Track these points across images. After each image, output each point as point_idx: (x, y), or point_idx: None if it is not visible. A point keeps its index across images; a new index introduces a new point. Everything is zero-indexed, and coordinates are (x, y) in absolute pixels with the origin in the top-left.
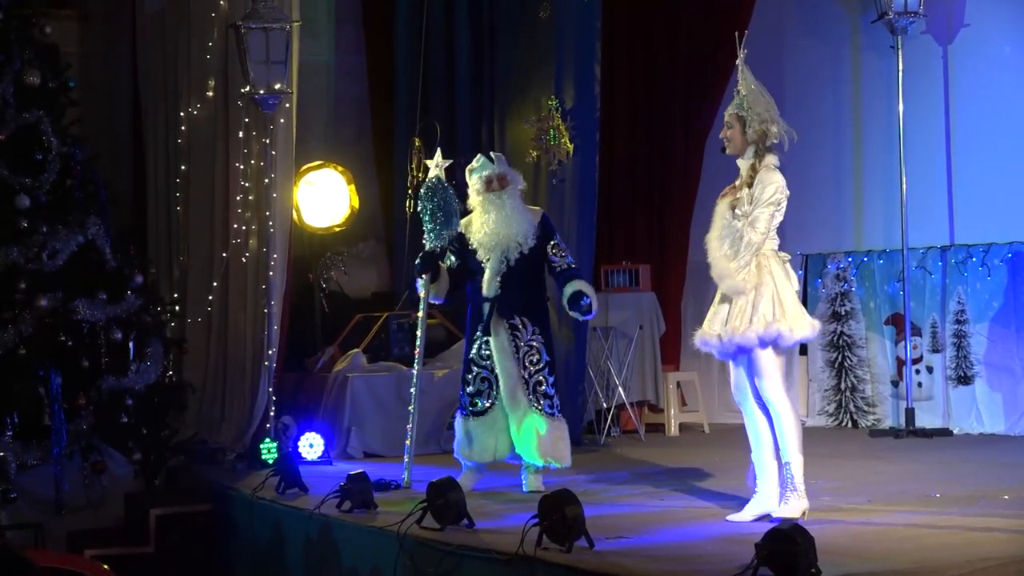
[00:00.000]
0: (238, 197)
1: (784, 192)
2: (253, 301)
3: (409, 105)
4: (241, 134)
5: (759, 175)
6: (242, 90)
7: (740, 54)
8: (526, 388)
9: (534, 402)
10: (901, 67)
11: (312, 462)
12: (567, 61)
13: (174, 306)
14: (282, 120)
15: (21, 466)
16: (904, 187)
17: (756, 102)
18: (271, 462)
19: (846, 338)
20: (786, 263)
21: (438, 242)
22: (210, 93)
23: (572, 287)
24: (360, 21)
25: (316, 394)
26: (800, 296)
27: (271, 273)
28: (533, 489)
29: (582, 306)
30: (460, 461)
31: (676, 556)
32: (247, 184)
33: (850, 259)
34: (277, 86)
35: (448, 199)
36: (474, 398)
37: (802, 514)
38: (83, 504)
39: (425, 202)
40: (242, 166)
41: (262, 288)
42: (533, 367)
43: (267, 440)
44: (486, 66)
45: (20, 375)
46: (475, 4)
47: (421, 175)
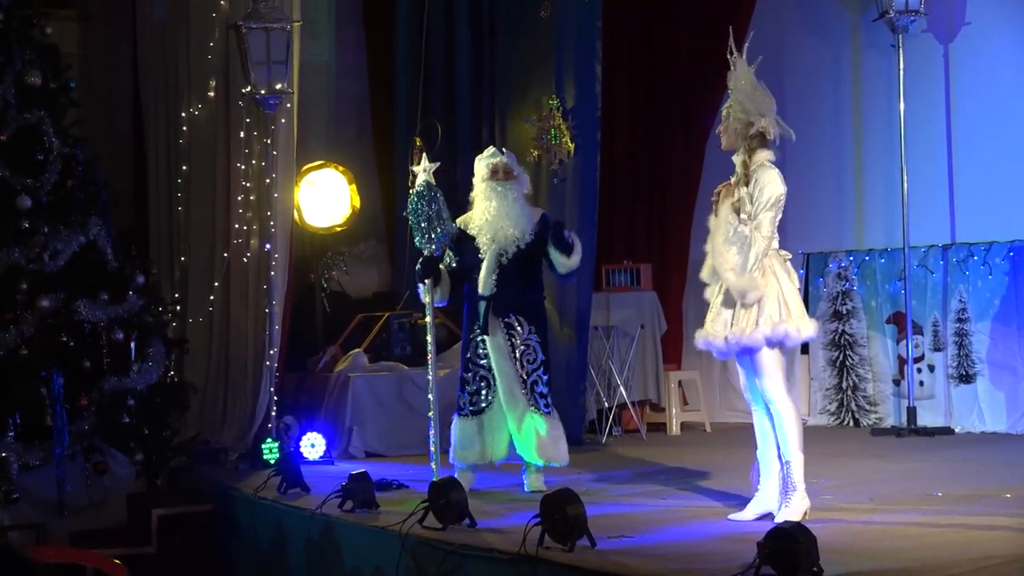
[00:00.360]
0: (239, 197)
1: (782, 191)
2: (254, 301)
3: (410, 105)
4: (242, 134)
5: (754, 174)
6: (243, 90)
7: (738, 51)
8: (524, 387)
9: (532, 401)
10: (902, 66)
11: (314, 462)
12: (568, 60)
13: (175, 306)
14: (283, 120)
15: (23, 467)
16: (905, 185)
17: (738, 95)
18: (273, 462)
19: (847, 337)
20: (787, 261)
21: (432, 246)
22: (211, 93)
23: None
24: (360, 21)
25: (318, 394)
26: (801, 295)
27: (272, 273)
28: (535, 488)
29: (564, 238)
30: (454, 463)
31: (678, 555)
32: (248, 184)
33: (851, 258)
34: (278, 86)
35: (439, 204)
36: (473, 397)
37: (804, 514)
38: (85, 505)
39: (416, 208)
40: (243, 166)
41: (263, 288)
42: (530, 366)
43: (269, 440)
44: (486, 65)
45: (22, 376)
46: (475, 3)
47: (412, 177)
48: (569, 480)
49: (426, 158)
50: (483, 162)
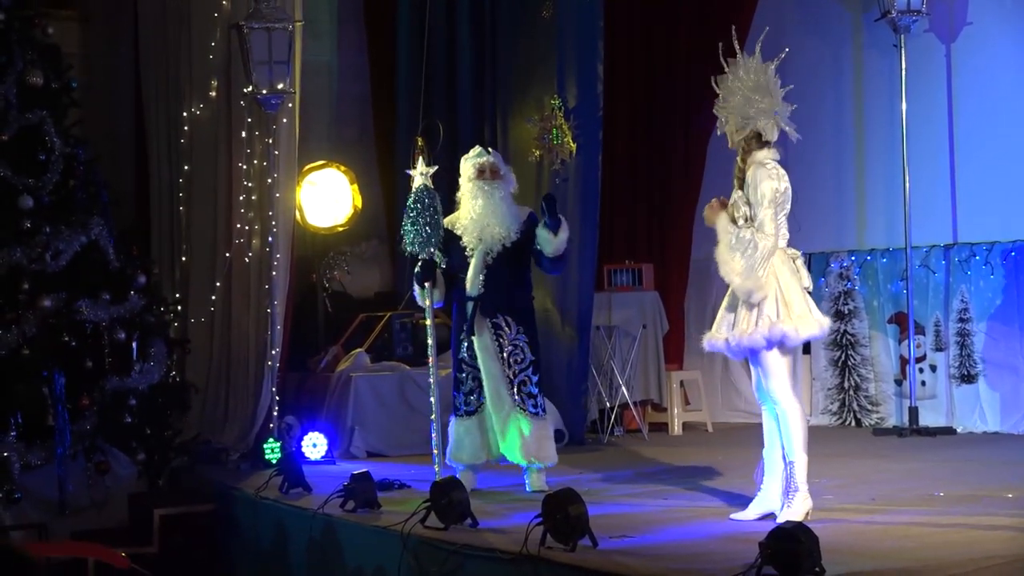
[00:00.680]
0: (241, 197)
1: (777, 187)
2: (256, 301)
3: (411, 104)
4: (244, 134)
5: (749, 173)
6: (245, 90)
7: (742, 52)
8: (510, 388)
9: (519, 402)
10: (904, 65)
11: (315, 462)
12: (569, 60)
13: (177, 306)
14: (285, 120)
15: (25, 466)
16: (907, 185)
17: (733, 96)
18: (274, 462)
19: (849, 337)
20: (795, 260)
21: (427, 249)
22: (213, 93)
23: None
24: (362, 21)
25: (319, 394)
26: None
27: (274, 273)
28: (537, 488)
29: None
30: (449, 464)
31: (680, 555)
32: (250, 184)
33: (853, 258)
34: (280, 86)
35: (436, 207)
36: (468, 398)
37: (805, 515)
38: (87, 504)
39: (413, 211)
40: (245, 166)
41: (265, 288)
42: (518, 366)
43: (270, 440)
44: (488, 65)
45: (24, 375)
46: (477, 3)
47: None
48: (571, 480)
49: (422, 161)
50: (469, 162)
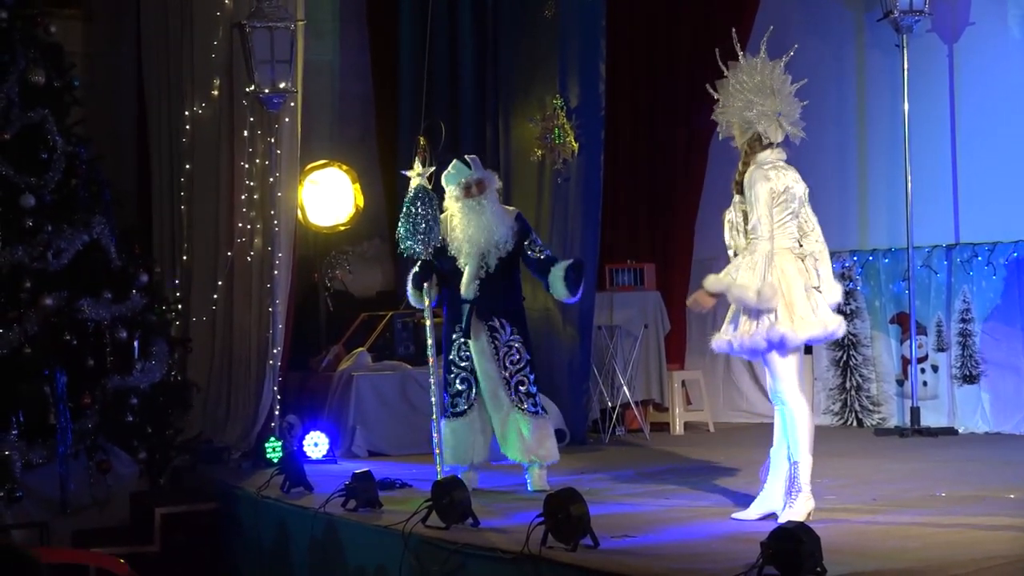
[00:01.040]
0: (243, 196)
1: (773, 187)
2: (258, 300)
3: (413, 104)
4: (246, 133)
5: (746, 176)
6: (247, 89)
7: (746, 53)
8: (508, 388)
9: (517, 403)
10: (906, 65)
11: (317, 461)
12: (571, 59)
13: (178, 305)
14: (287, 119)
15: (26, 465)
16: (909, 186)
17: (733, 99)
18: (276, 461)
19: (851, 337)
20: (805, 259)
21: (424, 250)
22: (215, 92)
23: (563, 265)
24: (364, 20)
25: (321, 393)
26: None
27: (276, 272)
28: (538, 488)
29: (573, 280)
30: (446, 468)
31: (681, 555)
32: (252, 183)
33: (855, 258)
34: (282, 85)
35: (434, 208)
36: (455, 399)
37: (807, 515)
38: (88, 503)
39: (410, 211)
40: (247, 165)
41: (267, 287)
42: (514, 367)
43: (272, 439)
44: (490, 65)
45: (25, 374)
46: (479, 3)
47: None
48: (572, 479)
49: (419, 162)
50: (452, 182)
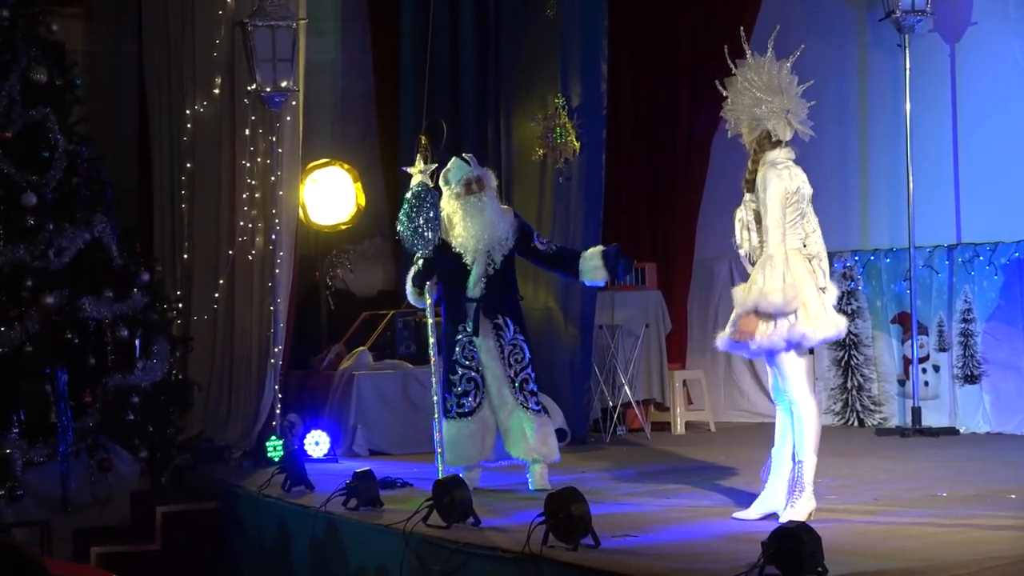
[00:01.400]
0: (244, 195)
1: (788, 187)
2: (259, 299)
3: (415, 103)
4: (247, 132)
5: (760, 175)
6: (248, 88)
7: (752, 52)
8: (512, 387)
9: (522, 400)
10: (908, 65)
11: (318, 460)
12: (573, 59)
13: (179, 304)
14: (288, 118)
15: (27, 463)
16: (911, 186)
17: (742, 97)
18: (277, 460)
19: (852, 337)
20: (811, 260)
21: (427, 248)
22: (216, 91)
23: (595, 253)
24: (366, 19)
25: (322, 392)
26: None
27: (277, 271)
28: (539, 487)
29: (621, 263)
30: (449, 469)
31: (682, 554)
32: (253, 182)
33: (856, 258)
34: (283, 84)
35: (436, 205)
36: (461, 399)
37: (808, 515)
38: (89, 502)
39: (411, 209)
40: (248, 164)
41: (268, 286)
42: (518, 365)
43: (273, 438)
44: (492, 64)
45: (26, 373)
46: (481, 2)
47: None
48: (573, 479)
49: (421, 159)
50: (453, 179)
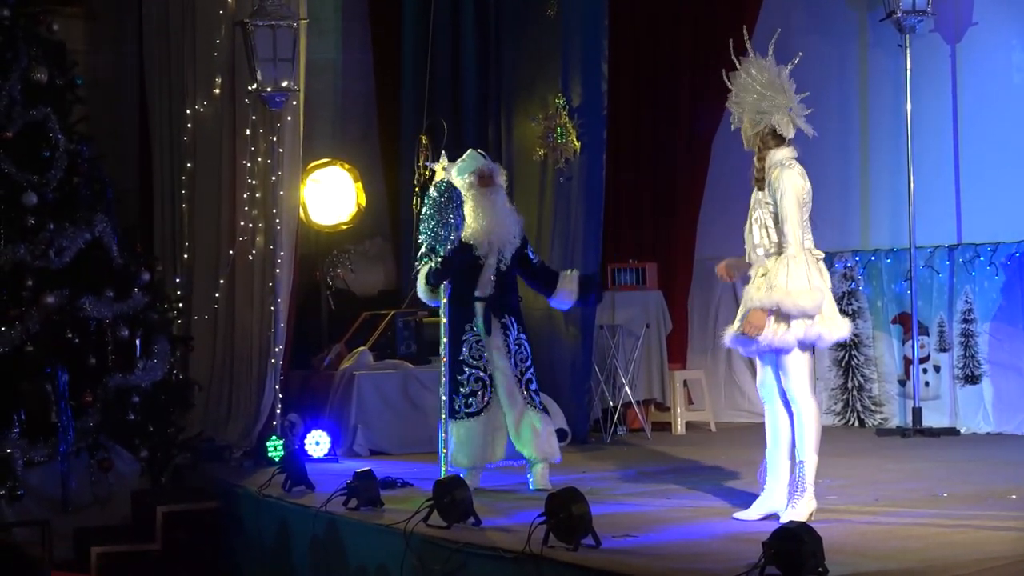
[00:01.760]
0: (245, 195)
1: (802, 190)
2: (260, 299)
3: (416, 103)
4: (248, 131)
5: (774, 175)
6: (249, 88)
7: (753, 51)
8: (520, 385)
9: (529, 399)
10: (909, 65)
11: (318, 460)
12: (574, 59)
13: (180, 303)
14: (289, 118)
15: (28, 463)
16: (911, 186)
17: (746, 94)
18: (277, 460)
19: (853, 337)
20: (819, 261)
21: (448, 245)
22: (217, 91)
23: (573, 276)
24: (367, 19)
25: (322, 392)
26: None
27: (277, 271)
28: (540, 486)
29: (594, 292)
30: (451, 468)
31: (682, 555)
32: (254, 182)
33: (857, 258)
34: (284, 84)
35: (459, 202)
36: (469, 399)
37: (809, 516)
38: (90, 501)
39: (437, 206)
40: (249, 163)
41: (269, 286)
42: (523, 364)
43: (273, 438)
44: (493, 64)
45: (27, 372)
46: (482, 2)
47: (428, 173)
48: (574, 479)
49: (445, 156)
50: (467, 170)
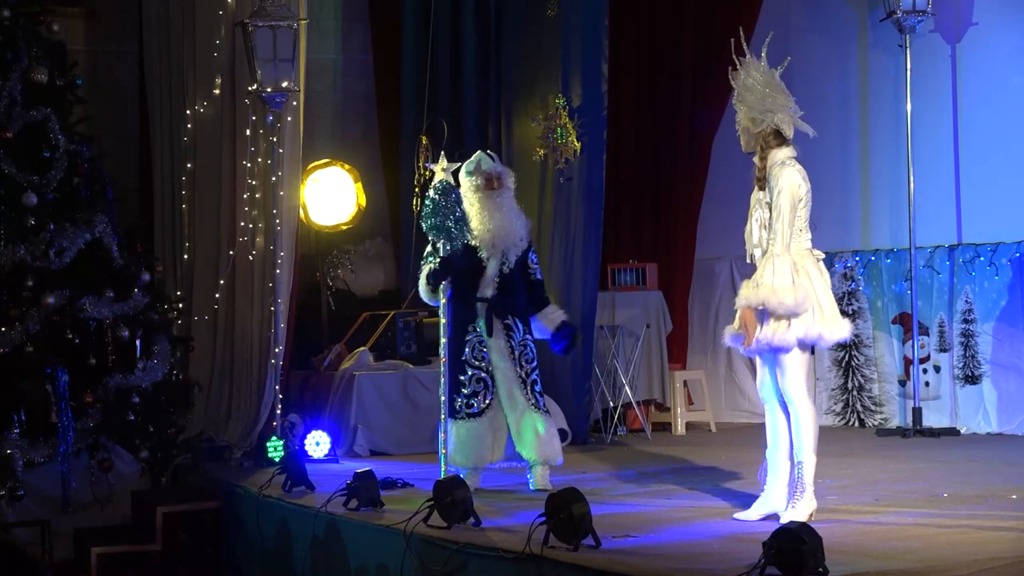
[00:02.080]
0: (245, 195)
1: (799, 190)
2: (260, 299)
3: (416, 103)
4: (248, 132)
5: (771, 173)
6: (249, 88)
7: (749, 52)
8: (523, 387)
9: (532, 401)
10: (909, 66)
11: (318, 460)
12: (574, 59)
13: (180, 304)
14: (289, 118)
15: (28, 463)
16: (912, 186)
17: (749, 93)
18: (278, 460)
19: (853, 337)
20: (819, 261)
21: (452, 245)
22: (217, 91)
23: (557, 317)
24: (367, 19)
25: (323, 392)
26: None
27: (278, 271)
28: (540, 487)
29: (569, 342)
30: (451, 468)
31: (683, 555)
32: (254, 182)
33: (857, 258)
34: (284, 84)
35: (460, 203)
36: (470, 400)
37: (809, 516)
38: (90, 502)
39: (438, 206)
40: (249, 164)
41: (269, 286)
42: (528, 365)
43: (274, 438)
44: (493, 64)
45: (27, 373)
46: (482, 2)
47: (429, 174)
48: (574, 479)
49: (444, 157)
50: (475, 172)
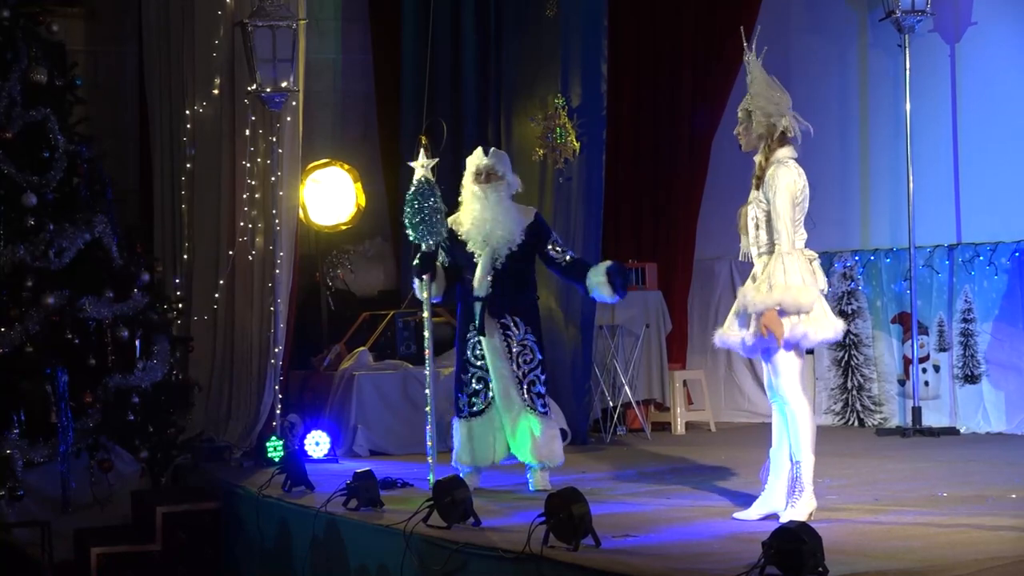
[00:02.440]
0: (244, 195)
1: (795, 187)
2: (259, 299)
3: (415, 103)
4: (248, 132)
5: (769, 172)
6: (248, 88)
7: (749, 49)
8: (520, 388)
9: (528, 402)
10: (908, 65)
11: (318, 460)
12: (573, 59)
13: (180, 304)
14: (288, 118)
15: (28, 464)
16: (911, 185)
17: (760, 96)
18: (277, 460)
19: (853, 337)
20: (812, 261)
21: (429, 241)
22: (216, 91)
23: (602, 267)
24: (367, 19)
25: (322, 392)
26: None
27: (277, 271)
28: (539, 487)
29: (618, 280)
30: (455, 466)
31: (682, 555)
32: (253, 182)
33: (857, 258)
34: (284, 84)
35: (437, 200)
36: (472, 399)
37: (809, 515)
38: (90, 502)
39: (414, 204)
40: (248, 164)
41: (268, 286)
42: (527, 366)
43: (273, 438)
44: (492, 64)
45: (27, 373)
46: (482, 2)
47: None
48: (574, 479)
49: (423, 154)
50: (471, 163)
